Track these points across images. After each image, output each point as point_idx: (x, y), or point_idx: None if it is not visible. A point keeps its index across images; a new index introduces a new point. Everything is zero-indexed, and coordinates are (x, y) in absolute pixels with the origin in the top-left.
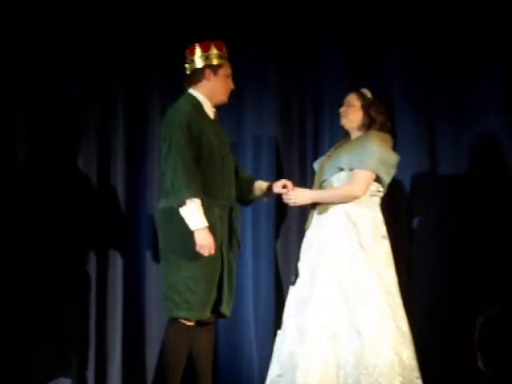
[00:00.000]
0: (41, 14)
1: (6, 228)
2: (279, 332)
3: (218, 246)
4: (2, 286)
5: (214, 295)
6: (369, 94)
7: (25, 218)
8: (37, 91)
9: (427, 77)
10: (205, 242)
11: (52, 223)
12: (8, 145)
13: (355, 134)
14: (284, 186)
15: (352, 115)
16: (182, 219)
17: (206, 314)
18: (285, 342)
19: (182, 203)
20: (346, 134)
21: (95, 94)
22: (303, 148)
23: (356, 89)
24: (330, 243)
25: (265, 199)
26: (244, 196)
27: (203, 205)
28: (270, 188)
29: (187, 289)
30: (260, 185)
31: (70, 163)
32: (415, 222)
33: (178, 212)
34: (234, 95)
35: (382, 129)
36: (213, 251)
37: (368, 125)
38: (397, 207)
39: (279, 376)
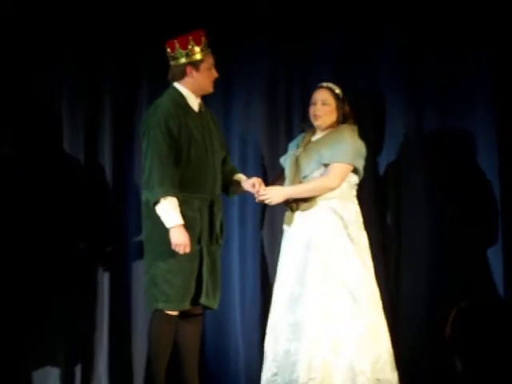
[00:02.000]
0: (28, 14)
1: None
2: (268, 331)
3: (197, 238)
4: None
5: (192, 287)
6: (338, 90)
7: (9, 211)
8: (26, 89)
9: (416, 70)
10: (179, 241)
11: (38, 218)
12: None
13: (326, 130)
14: (253, 185)
15: (327, 116)
16: None
17: (185, 306)
18: (278, 341)
19: (157, 201)
20: (308, 129)
21: (83, 90)
22: (289, 140)
23: (323, 85)
24: (318, 238)
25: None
26: (224, 189)
27: (182, 199)
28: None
29: (165, 281)
30: (238, 178)
31: (57, 160)
32: (403, 214)
33: None
34: (221, 89)
35: (354, 122)
36: (188, 249)
37: (342, 121)
38: (384, 199)
39: (275, 375)
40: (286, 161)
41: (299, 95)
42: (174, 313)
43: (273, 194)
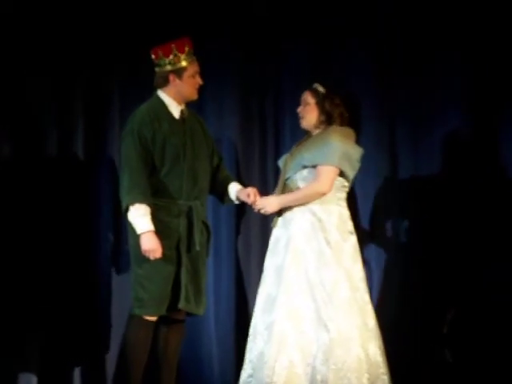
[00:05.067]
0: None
1: None
2: (250, 332)
3: (175, 244)
4: None
5: (169, 292)
6: (321, 89)
7: None
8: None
9: (388, 79)
10: (148, 247)
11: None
12: None
13: (315, 131)
14: (248, 195)
15: (308, 115)
16: None
17: (161, 312)
18: (255, 342)
19: (126, 209)
20: (306, 132)
21: (54, 96)
22: (264, 147)
23: (310, 87)
24: (296, 241)
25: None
26: (218, 197)
27: (160, 205)
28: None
29: (140, 287)
30: (232, 186)
31: (31, 164)
32: (376, 224)
33: None
34: None
35: (341, 122)
36: (158, 255)
37: (326, 120)
38: (357, 209)
39: (251, 376)
40: (281, 163)
41: (272, 97)
42: (152, 318)
43: (267, 204)
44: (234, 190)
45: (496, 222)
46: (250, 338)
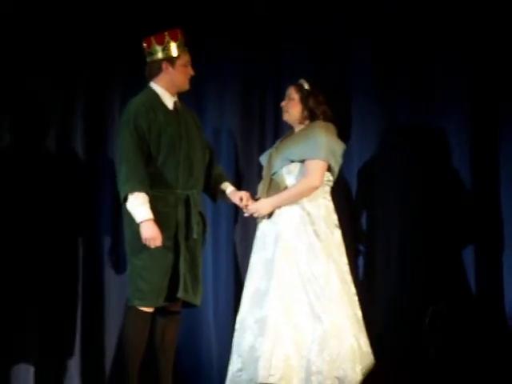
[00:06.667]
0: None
1: None
2: (237, 327)
3: (173, 234)
4: None
5: (167, 283)
6: (306, 85)
7: None
8: None
9: (388, 79)
10: (149, 235)
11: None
12: None
13: (298, 126)
14: (241, 199)
15: (292, 109)
16: None
17: (159, 303)
18: (244, 336)
19: (125, 198)
20: (290, 127)
21: (55, 96)
22: (263, 144)
23: (296, 82)
24: (285, 234)
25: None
26: (210, 195)
27: (157, 195)
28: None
29: (139, 278)
30: (225, 187)
31: (31, 164)
32: (376, 221)
33: None
34: (193, 87)
35: (324, 118)
36: (158, 243)
37: (309, 117)
38: (354, 197)
39: (240, 370)
40: (263, 159)
41: (272, 96)
42: (149, 310)
43: (260, 207)
44: (227, 190)
45: (495, 221)
46: (237, 333)
